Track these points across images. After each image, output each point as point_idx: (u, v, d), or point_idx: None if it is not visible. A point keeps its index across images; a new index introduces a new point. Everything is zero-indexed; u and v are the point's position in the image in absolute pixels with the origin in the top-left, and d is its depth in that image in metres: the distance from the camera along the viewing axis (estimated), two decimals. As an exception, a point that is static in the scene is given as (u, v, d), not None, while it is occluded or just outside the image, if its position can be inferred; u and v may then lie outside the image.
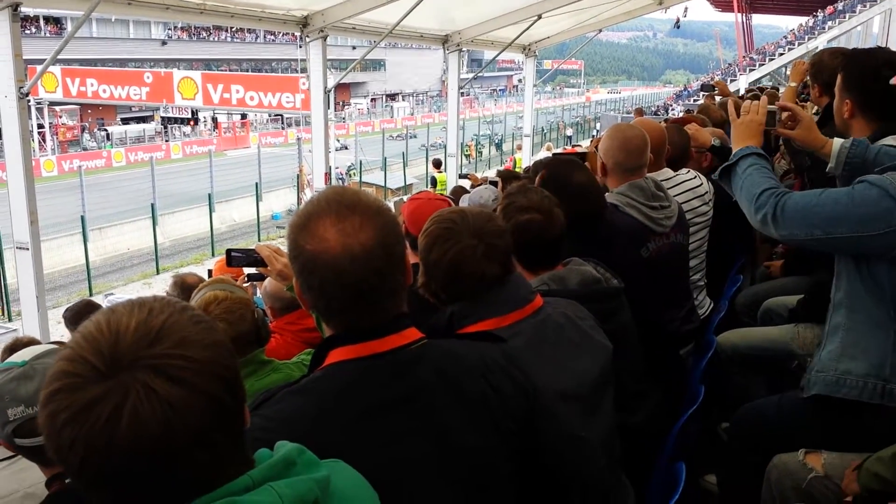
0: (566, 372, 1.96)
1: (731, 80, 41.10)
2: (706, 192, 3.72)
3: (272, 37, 59.88)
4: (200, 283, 4.92)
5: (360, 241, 1.34)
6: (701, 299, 3.73)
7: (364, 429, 1.33)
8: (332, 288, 1.36)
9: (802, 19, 49.59)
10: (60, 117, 42.43)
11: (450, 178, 15.52)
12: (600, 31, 17.14)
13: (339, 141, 35.80)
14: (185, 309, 0.98)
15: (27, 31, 40.39)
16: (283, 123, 48.41)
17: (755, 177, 2.36)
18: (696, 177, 3.75)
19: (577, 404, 1.95)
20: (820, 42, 39.61)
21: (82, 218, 18.95)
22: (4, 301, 13.87)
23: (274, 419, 1.32)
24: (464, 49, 13.72)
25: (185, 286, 5.01)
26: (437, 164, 19.85)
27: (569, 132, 47.08)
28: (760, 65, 47.07)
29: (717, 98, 7.64)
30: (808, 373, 2.52)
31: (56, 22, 47.86)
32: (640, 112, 14.58)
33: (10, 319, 13.84)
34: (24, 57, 6.30)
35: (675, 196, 3.38)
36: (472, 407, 1.42)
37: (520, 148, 21.89)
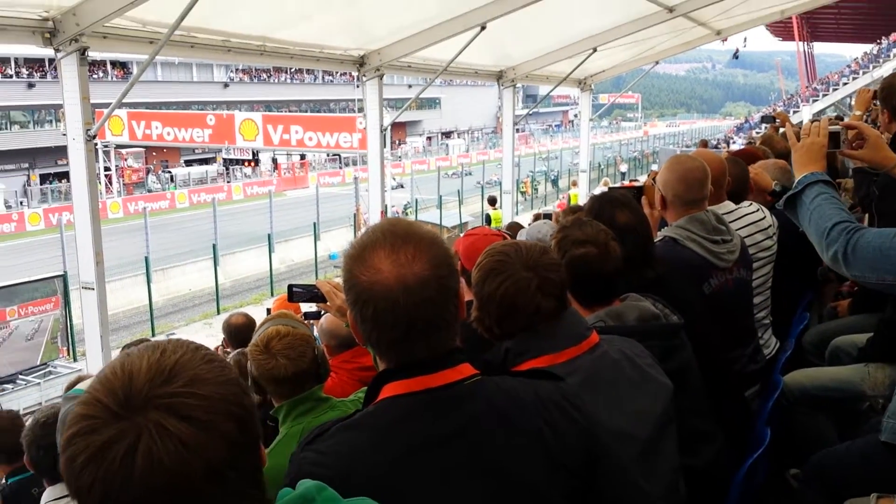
0: (625, 411, 1.90)
1: (794, 111, 40.49)
2: (770, 226, 3.61)
3: (330, 77, 61.17)
4: (246, 322, 5.05)
5: (413, 272, 1.34)
6: (766, 338, 3.60)
7: (415, 463, 1.32)
8: (385, 318, 1.35)
9: (866, 47, 48.68)
10: (126, 160, 43.91)
11: (505, 215, 15.47)
12: (657, 63, 17.00)
13: (395, 179, 36.23)
14: (199, 349, 1.02)
15: (95, 76, 41.86)
16: (340, 163, 49.22)
17: (825, 208, 2.20)
18: (758, 210, 3.64)
19: (636, 445, 1.88)
20: (885, 70, 38.61)
21: (146, 259, 19.48)
22: (70, 341, 14.24)
23: (327, 453, 1.33)
24: (518, 84, 13.76)
25: (230, 327, 5.14)
26: (493, 202, 19.94)
27: (623, 168, 46.60)
28: (824, 95, 46.21)
29: (781, 129, 7.49)
30: (885, 416, 2.39)
31: (122, 66, 49.59)
32: (704, 144, 14.25)
33: (74, 359, 14.18)
34: (92, 101, 6.48)
35: (737, 230, 3.29)
36: (526, 443, 1.39)
37: (575, 184, 21.79)
